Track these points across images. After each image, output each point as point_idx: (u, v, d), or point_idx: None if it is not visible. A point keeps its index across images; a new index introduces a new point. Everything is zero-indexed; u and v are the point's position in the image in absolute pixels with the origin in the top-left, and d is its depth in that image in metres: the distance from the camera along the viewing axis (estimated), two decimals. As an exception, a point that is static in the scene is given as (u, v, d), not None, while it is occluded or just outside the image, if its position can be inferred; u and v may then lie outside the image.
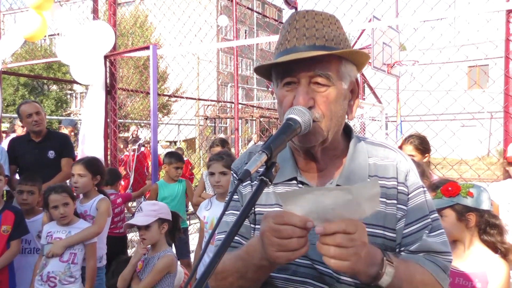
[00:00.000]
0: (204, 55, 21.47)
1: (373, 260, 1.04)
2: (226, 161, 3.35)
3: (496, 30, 4.64)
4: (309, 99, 1.16)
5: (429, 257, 1.20)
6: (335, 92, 1.18)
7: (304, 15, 1.20)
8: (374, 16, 8.18)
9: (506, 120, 3.73)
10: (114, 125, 5.80)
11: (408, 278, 1.11)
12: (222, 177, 3.34)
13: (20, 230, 3.41)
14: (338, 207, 0.97)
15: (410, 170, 1.26)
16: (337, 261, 0.97)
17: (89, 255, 3.31)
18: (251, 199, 0.99)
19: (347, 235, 0.96)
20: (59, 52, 5.26)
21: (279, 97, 1.23)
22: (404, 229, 1.21)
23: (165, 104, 25.09)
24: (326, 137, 1.20)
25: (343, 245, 0.96)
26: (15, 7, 10.55)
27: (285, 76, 1.19)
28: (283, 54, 1.18)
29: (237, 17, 9.46)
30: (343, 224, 0.96)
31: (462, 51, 8.92)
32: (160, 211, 2.97)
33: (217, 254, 0.93)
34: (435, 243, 1.21)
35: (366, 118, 12.61)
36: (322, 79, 1.16)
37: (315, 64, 1.16)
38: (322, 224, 0.98)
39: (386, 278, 1.06)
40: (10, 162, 4.44)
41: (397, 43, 10.96)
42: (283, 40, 1.21)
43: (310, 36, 1.17)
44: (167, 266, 2.89)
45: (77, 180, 3.60)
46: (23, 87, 27.09)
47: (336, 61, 1.19)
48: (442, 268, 1.20)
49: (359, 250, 0.97)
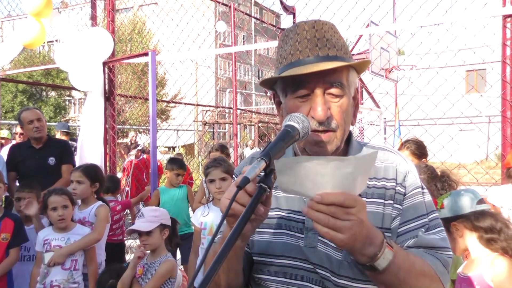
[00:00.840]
0: (203, 61, 21.52)
1: (371, 240, 1.01)
2: (224, 166, 3.35)
3: (493, 35, 4.67)
4: (327, 110, 1.16)
5: (428, 252, 1.18)
6: (346, 102, 1.20)
7: (313, 25, 1.19)
8: (371, 22, 8.22)
9: (504, 125, 3.74)
10: (113, 131, 5.80)
11: (406, 267, 1.08)
12: (223, 183, 3.34)
13: (20, 238, 3.40)
14: (335, 179, 0.93)
15: (409, 172, 1.26)
16: (330, 231, 0.93)
17: (89, 259, 3.32)
18: (250, 205, 0.98)
19: (344, 208, 0.93)
20: (58, 58, 5.27)
21: (290, 107, 1.20)
22: (399, 227, 1.21)
23: (164, 110, 25.09)
24: (339, 145, 1.21)
25: (337, 216, 0.93)
26: (13, 14, 10.58)
27: (299, 88, 1.17)
28: (295, 65, 1.17)
29: (235, 23, 9.49)
30: (342, 196, 0.93)
31: (460, 56, 8.95)
32: (162, 217, 2.98)
33: (217, 261, 0.91)
34: (434, 239, 1.20)
35: (365, 123, 12.63)
36: (337, 89, 1.17)
37: (330, 74, 1.16)
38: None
39: (383, 261, 1.03)
40: (10, 168, 4.45)
41: (394, 48, 11.00)
42: (292, 50, 1.19)
43: (322, 47, 1.17)
44: (170, 270, 2.90)
45: (76, 187, 3.61)
46: (21, 94, 27.08)
47: (346, 70, 1.20)
48: (442, 263, 1.17)
49: (355, 226, 0.94)
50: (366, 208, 1.19)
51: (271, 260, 1.25)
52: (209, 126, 19.19)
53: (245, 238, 1.11)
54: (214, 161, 3.45)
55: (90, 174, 3.69)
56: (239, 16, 14.84)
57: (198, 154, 15.79)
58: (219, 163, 3.39)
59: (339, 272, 1.17)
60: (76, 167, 4.00)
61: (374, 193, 1.23)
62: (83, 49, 5.11)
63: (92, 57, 5.20)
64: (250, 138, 19.07)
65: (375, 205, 1.21)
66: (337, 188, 0.94)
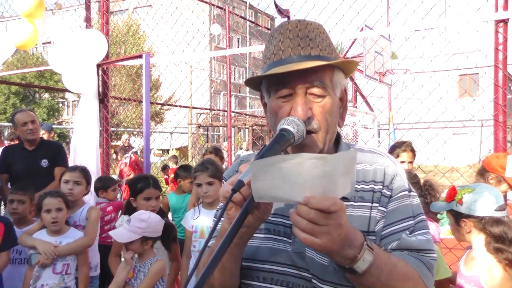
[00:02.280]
0: (197, 64, 21.49)
1: (351, 242, 0.99)
2: (211, 170, 3.33)
3: (486, 39, 4.70)
4: (307, 110, 1.15)
5: (412, 254, 1.15)
6: (330, 102, 1.18)
7: (297, 25, 1.19)
8: (366, 25, 8.26)
9: (496, 129, 3.77)
10: (107, 133, 5.78)
11: (388, 269, 1.05)
12: (209, 187, 3.32)
13: (10, 241, 3.34)
14: (313, 180, 0.89)
15: (396, 175, 1.25)
16: (308, 236, 0.92)
17: (81, 263, 3.29)
18: (244, 209, 0.98)
19: (325, 213, 0.90)
20: (51, 60, 5.25)
21: (273, 107, 1.20)
22: (383, 230, 1.19)
23: (158, 113, 25.05)
24: (323, 148, 1.19)
25: (316, 222, 0.91)
26: (6, 15, 10.53)
27: (281, 88, 1.17)
28: (278, 65, 1.16)
29: (229, 26, 9.50)
30: (328, 202, 0.90)
31: (453, 60, 9.02)
32: (147, 230, 2.83)
33: (211, 265, 0.90)
34: (418, 240, 1.17)
35: (359, 126, 12.66)
36: (319, 89, 1.16)
37: (311, 74, 1.15)
38: (297, 196, 0.91)
39: (363, 263, 1.00)
40: (2, 171, 4.42)
41: (388, 52, 11.05)
42: (275, 49, 1.19)
43: (305, 46, 1.16)
44: (162, 269, 2.89)
45: (73, 187, 3.56)
46: (14, 96, 26.92)
47: (330, 70, 1.19)
48: (426, 265, 1.15)
49: (332, 230, 0.92)
50: (354, 212, 1.19)
51: (258, 265, 1.24)
52: (203, 129, 19.18)
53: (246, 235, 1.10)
54: (201, 165, 3.41)
55: (87, 176, 3.70)
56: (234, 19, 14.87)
57: (192, 157, 15.75)
58: (205, 167, 3.36)
59: (324, 277, 1.16)
60: (71, 167, 3.94)
61: (362, 196, 1.21)
62: (77, 51, 5.08)
63: (86, 59, 5.17)
64: (244, 141, 19.07)
65: (362, 208, 1.20)
66: (316, 188, 0.90)
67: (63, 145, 5.15)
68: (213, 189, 3.32)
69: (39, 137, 4.55)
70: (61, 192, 3.42)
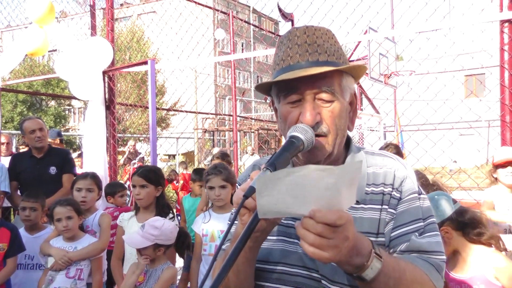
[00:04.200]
0: (202, 69, 21.58)
1: (358, 251, 0.99)
2: (224, 174, 3.37)
3: (491, 40, 4.69)
4: (315, 115, 1.16)
5: (421, 257, 1.16)
6: (339, 107, 1.19)
7: (305, 31, 1.21)
8: (370, 28, 8.25)
9: (503, 129, 3.75)
10: (113, 140, 5.81)
11: (396, 276, 1.05)
12: (222, 191, 3.36)
13: (16, 248, 3.39)
14: (318, 192, 0.88)
15: (406, 177, 1.25)
16: (316, 250, 0.91)
17: (95, 269, 3.30)
18: (255, 215, 0.99)
19: (332, 227, 0.90)
20: (58, 68, 5.29)
21: (282, 113, 1.22)
22: (392, 232, 1.20)
23: (164, 118, 25.14)
24: (332, 151, 1.21)
25: (324, 236, 0.90)
26: (13, 24, 10.63)
27: (290, 93, 1.19)
28: (286, 71, 1.18)
29: (234, 31, 9.53)
30: (335, 216, 0.89)
31: (458, 61, 8.99)
32: (160, 237, 2.83)
33: (224, 268, 0.91)
34: (427, 242, 1.18)
35: (365, 129, 12.64)
36: (327, 94, 1.17)
37: (319, 80, 1.16)
38: (302, 209, 0.91)
39: (371, 271, 1.00)
40: (11, 178, 4.45)
41: (393, 54, 11.04)
42: (284, 56, 1.21)
43: (313, 52, 1.18)
44: (173, 277, 2.90)
45: (86, 195, 3.61)
46: (21, 104, 27.10)
47: (339, 75, 1.20)
48: (435, 267, 1.15)
49: (339, 243, 0.92)
50: (364, 214, 1.21)
51: (271, 267, 1.25)
52: (209, 134, 19.22)
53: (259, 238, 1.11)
54: (214, 168, 3.46)
55: (98, 182, 3.76)
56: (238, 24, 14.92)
57: (199, 162, 15.78)
58: (219, 170, 3.40)
59: (333, 278, 1.17)
60: (82, 174, 3.95)
61: (372, 199, 1.22)
62: (83, 59, 5.13)
63: (92, 66, 5.22)
64: (249, 145, 19.08)
65: (372, 211, 1.21)
66: (321, 200, 0.89)
67: (70, 152, 5.14)
68: (226, 192, 3.35)
69: (47, 145, 4.58)
70: (70, 200, 3.44)
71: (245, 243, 0.96)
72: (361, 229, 1.16)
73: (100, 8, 7.32)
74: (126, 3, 32.69)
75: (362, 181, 1.24)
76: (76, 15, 20.16)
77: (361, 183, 1.23)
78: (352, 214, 1.18)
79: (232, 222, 1.02)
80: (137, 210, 3.39)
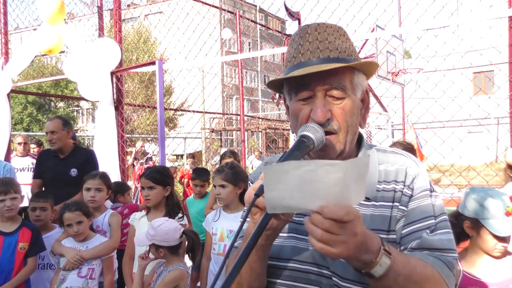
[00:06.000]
0: (209, 69, 21.61)
1: (367, 247, 0.98)
2: (225, 174, 3.38)
3: (499, 36, 4.65)
4: (326, 111, 1.16)
5: (432, 254, 1.15)
6: (350, 104, 1.19)
7: (316, 28, 1.21)
8: (377, 26, 8.22)
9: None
10: (122, 140, 5.85)
11: (406, 272, 1.05)
12: (221, 190, 3.37)
13: (37, 247, 3.44)
14: (326, 187, 0.87)
15: (418, 174, 1.25)
16: (324, 246, 0.91)
17: (106, 269, 3.33)
18: (266, 213, 0.99)
19: (340, 223, 0.89)
20: (67, 69, 5.34)
21: (294, 110, 1.22)
22: (403, 229, 1.19)
23: (172, 118, 25.20)
24: (343, 149, 1.21)
25: (332, 231, 0.90)
26: (22, 26, 10.73)
27: (301, 90, 1.19)
28: (297, 68, 1.18)
29: (240, 30, 9.54)
30: (342, 212, 0.89)
31: (466, 58, 8.91)
32: (155, 237, 2.83)
33: (236, 266, 0.92)
34: (439, 240, 1.17)
35: (373, 127, 12.59)
36: (338, 91, 1.17)
37: (330, 76, 1.16)
38: (310, 205, 0.90)
39: (380, 268, 1.00)
40: (36, 176, 4.46)
41: (401, 52, 10.97)
42: (295, 53, 1.21)
43: (324, 49, 1.18)
44: (175, 279, 2.84)
45: (95, 195, 3.63)
46: (31, 105, 27.33)
47: (350, 72, 1.20)
48: (447, 264, 1.14)
49: (347, 239, 0.92)
50: (376, 212, 1.20)
51: (282, 264, 1.26)
52: (217, 133, 19.25)
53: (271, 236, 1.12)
54: (219, 167, 3.50)
55: (107, 182, 3.77)
56: (245, 23, 14.93)
57: (206, 161, 15.82)
58: (221, 169, 3.45)
59: (344, 275, 1.17)
60: (91, 174, 3.89)
61: (383, 196, 1.22)
62: (91, 60, 5.17)
63: (100, 67, 5.26)
64: (257, 145, 19.09)
65: (383, 208, 1.21)
66: (329, 196, 0.88)
67: (94, 152, 4.88)
68: (225, 192, 3.36)
69: (63, 145, 4.44)
70: (79, 204, 3.43)
71: (257, 241, 0.97)
72: (372, 226, 1.16)
73: (108, 9, 7.37)
74: (133, 3, 32.83)
75: (374, 178, 1.24)
76: (83, 16, 20.29)
77: (373, 180, 1.24)
78: (363, 211, 1.19)
79: (244, 219, 1.03)
80: (148, 210, 3.42)
